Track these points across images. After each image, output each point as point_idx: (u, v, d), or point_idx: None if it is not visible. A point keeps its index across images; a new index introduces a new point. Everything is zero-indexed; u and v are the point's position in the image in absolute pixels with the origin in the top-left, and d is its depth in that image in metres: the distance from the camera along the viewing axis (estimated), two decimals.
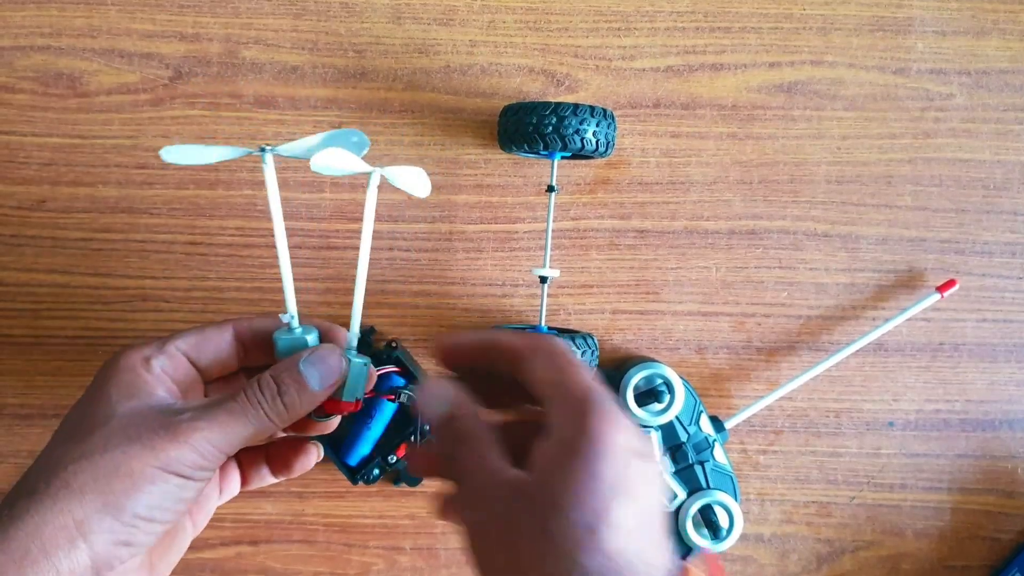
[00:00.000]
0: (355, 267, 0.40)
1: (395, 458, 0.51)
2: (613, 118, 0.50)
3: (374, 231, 0.54)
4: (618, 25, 0.54)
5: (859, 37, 0.55)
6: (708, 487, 0.50)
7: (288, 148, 0.39)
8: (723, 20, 0.55)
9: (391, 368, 0.50)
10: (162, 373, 0.38)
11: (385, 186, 0.54)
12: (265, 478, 0.44)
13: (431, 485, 0.54)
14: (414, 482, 0.53)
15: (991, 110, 0.55)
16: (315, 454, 0.43)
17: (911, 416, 0.56)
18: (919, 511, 0.56)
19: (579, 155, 0.51)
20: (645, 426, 0.49)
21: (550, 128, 0.47)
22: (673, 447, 0.50)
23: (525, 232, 0.54)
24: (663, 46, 0.54)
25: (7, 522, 0.33)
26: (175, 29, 0.53)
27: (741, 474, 0.55)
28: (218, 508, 0.53)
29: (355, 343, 0.40)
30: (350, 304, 0.53)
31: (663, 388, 0.49)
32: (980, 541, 0.56)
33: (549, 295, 0.54)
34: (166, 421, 0.35)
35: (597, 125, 0.48)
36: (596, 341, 0.51)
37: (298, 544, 0.54)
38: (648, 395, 0.49)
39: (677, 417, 0.50)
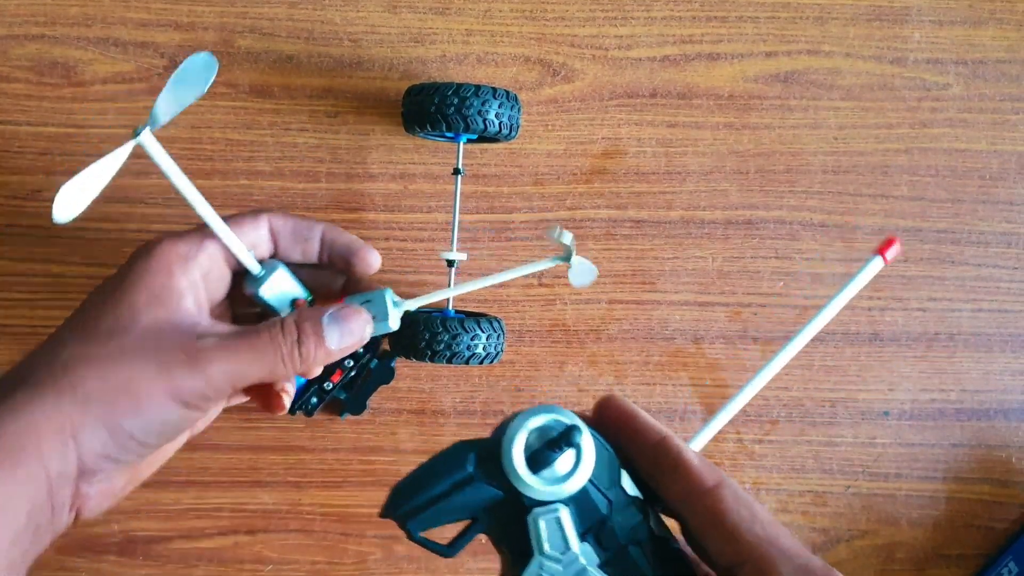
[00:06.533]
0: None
1: (331, 384, 0.50)
2: (517, 100, 0.49)
3: (372, 220, 0.54)
4: (615, 14, 0.54)
5: (856, 27, 0.55)
6: None
7: (160, 113, 0.36)
8: (720, 9, 0.54)
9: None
10: (197, 278, 0.37)
11: (384, 175, 0.54)
12: None
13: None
14: (358, 410, 0.52)
15: (987, 100, 0.55)
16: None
17: (906, 405, 0.56)
18: (914, 500, 0.56)
19: (485, 138, 0.50)
20: (546, 502, 0.29)
21: (452, 109, 0.47)
22: (594, 525, 0.30)
23: (521, 222, 0.54)
24: (660, 35, 0.54)
25: (4, 411, 0.32)
26: (170, 18, 0.53)
27: (736, 464, 0.55)
28: (215, 498, 0.53)
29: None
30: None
31: (562, 441, 0.29)
32: (975, 530, 0.56)
33: (544, 285, 0.54)
34: (187, 345, 0.34)
35: (500, 107, 0.47)
36: (503, 324, 0.49)
37: (295, 534, 0.54)
38: (543, 455, 0.29)
39: (591, 480, 0.30)
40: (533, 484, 0.29)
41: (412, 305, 0.41)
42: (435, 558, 0.54)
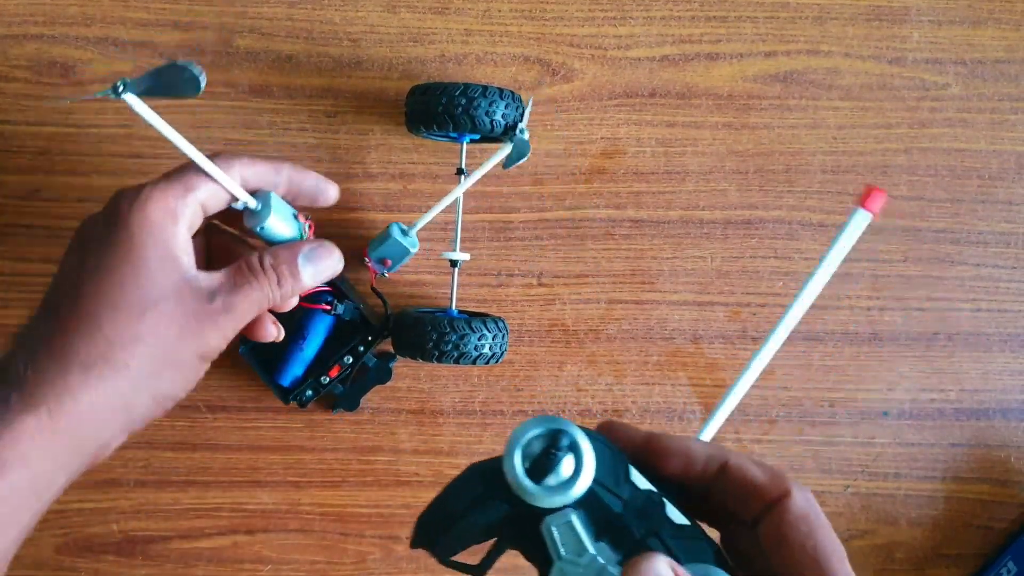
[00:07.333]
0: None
1: (328, 379, 0.51)
2: (521, 101, 0.49)
3: (372, 219, 0.54)
4: (614, 14, 0.54)
5: (855, 26, 0.55)
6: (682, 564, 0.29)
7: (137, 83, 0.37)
8: (719, 9, 0.54)
9: (323, 288, 0.49)
10: (186, 230, 0.38)
11: (384, 175, 0.54)
12: None
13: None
14: (352, 407, 0.52)
15: (987, 100, 0.55)
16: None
17: (905, 405, 0.56)
18: (913, 500, 0.56)
19: (487, 138, 0.50)
20: (552, 509, 0.29)
21: (459, 109, 0.47)
22: (606, 524, 0.29)
23: (521, 222, 0.54)
24: (659, 35, 0.54)
25: (64, 394, 0.34)
26: (169, 18, 0.53)
27: None
28: (214, 498, 0.53)
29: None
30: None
31: (551, 446, 0.29)
32: (974, 530, 0.56)
33: (543, 284, 0.54)
34: (208, 308, 0.37)
35: (506, 108, 0.47)
36: (507, 325, 0.49)
37: (294, 533, 0.54)
38: (543, 462, 0.29)
39: (597, 480, 0.29)
40: (537, 493, 0.29)
41: (422, 222, 0.47)
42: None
